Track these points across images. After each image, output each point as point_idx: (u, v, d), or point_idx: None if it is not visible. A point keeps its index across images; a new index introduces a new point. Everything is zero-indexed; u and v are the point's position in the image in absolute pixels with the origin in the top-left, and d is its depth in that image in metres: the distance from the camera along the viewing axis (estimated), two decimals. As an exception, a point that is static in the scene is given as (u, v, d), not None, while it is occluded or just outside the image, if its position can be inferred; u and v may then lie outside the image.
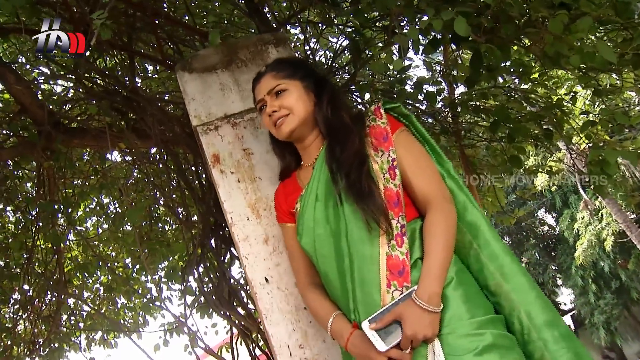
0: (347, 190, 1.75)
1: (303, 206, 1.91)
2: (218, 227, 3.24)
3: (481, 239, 1.77)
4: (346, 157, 1.79)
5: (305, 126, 1.95)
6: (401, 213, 1.74)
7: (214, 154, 2.40)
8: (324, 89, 1.98)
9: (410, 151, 1.84)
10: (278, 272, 2.26)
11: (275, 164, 2.40)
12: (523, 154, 3.24)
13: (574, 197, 18.58)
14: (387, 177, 1.78)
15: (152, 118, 3.29)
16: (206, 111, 2.46)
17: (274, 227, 2.31)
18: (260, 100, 2.00)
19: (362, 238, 1.72)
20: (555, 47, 2.14)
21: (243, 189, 2.35)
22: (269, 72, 2.00)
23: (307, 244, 1.87)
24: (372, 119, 1.88)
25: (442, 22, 2.00)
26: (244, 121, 2.46)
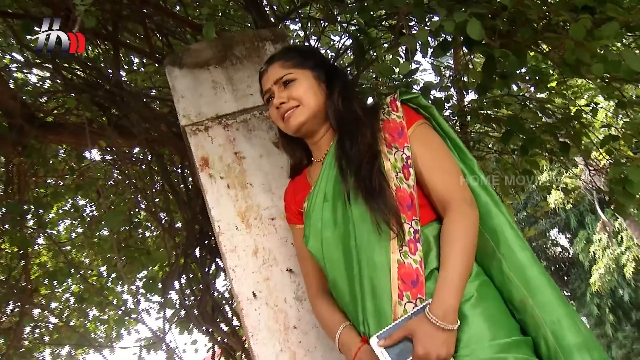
0: (356, 189, 1.74)
1: (310, 206, 1.90)
2: (204, 235, 3.27)
3: (504, 247, 1.73)
4: (356, 153, 1.78)
5: (315, 119, 1.94)
6: (415, 217, 1.71)
7: (203, 157, 2.43)
8: (335, 79, 1.97)
9: (428, 146, 1.81)
10: (267, 286, 2.28)
11: (269, 169, 2.43)
12: (536, 169, 3.28)
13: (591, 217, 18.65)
14: (400, 177, 1.75)
15: (136, 115, 3.32)
16: (196, 110, 2.49)
17: (265, 237, 2.33)
18: (267, 90, 1.99)
19: (371, 242, 1.71)
20: (576, 54, 2.17)
21: (233, 196, 2.38)
22: (276, 60, 2.00)
23: (314, 247, 1.85)
24: (387, 112, 1.86)
25: (454, 24, 2.03)
26: (237, 123, 2.49)
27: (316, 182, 1.92)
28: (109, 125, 3.56)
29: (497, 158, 3.92)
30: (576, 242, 18.83)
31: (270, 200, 2.39)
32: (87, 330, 6.18)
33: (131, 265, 5.02)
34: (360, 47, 3.00)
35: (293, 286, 2.29)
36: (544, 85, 2.90)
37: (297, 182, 2.08)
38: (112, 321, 6.21)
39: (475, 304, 1.65)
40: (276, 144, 2.47)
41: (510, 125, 2.80)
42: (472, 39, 2.02)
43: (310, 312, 2.26)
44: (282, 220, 2.35)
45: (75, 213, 5.55)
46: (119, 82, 3.36)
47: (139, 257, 4.98)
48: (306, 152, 2.09)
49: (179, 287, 3.28)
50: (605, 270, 16.13)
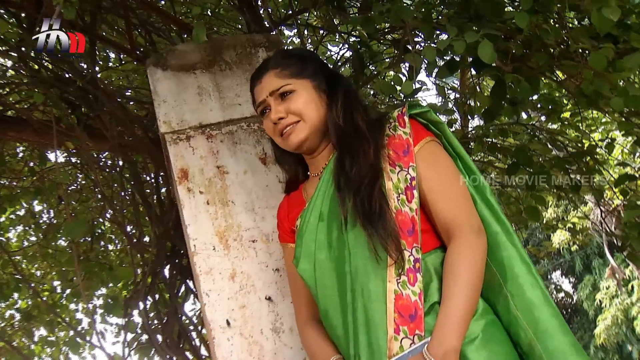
0: (354, 212, 1.74)
1: (303, 224, 1.89)
2: (175, 254, 3.30)
3: (513, 283, 1.72)
4: (357, 173, 1.77)
5: (316, 135, 1.94)
6: (416, 244, 1.71)
7: (182, 169, 2.47)
8: (337, 87, 1.97)
9: (435, 166, 1.80)
10: (243, 315, 2.31)
11: (253, 187, 2.48)
12: (542, 205, 3.35)
13: (599, 262, 18.80)
14: (402, 199, 1.75)
15: (110, 117, 3.36)
16: (178, 117, 2.53)
17: (244, 261, 2.37)
18: (261, 102, 1.98)
19: (367, 269, 1.71)
20: (594, 85, 2.24)
21: (212, 213, 2.42)
22: (272, 68, 1.98)
23: (305, 270, 1.84)
24: (394, 127, 1.86)
25: (464, 45, 2.10)
26: (222, 134, 2.54)
27: (311, 198, 1.92)
28: (78, 126, 3.58)
29: (501, 191, 4.00)
30: (581, 287, 18.93)
31: (252, 221, 2.43)
32: (32, 353, 6.12)
33: (89, 281, 5.01)
34: (360, 61, 3.06)
35: (271, 316, 2.33)
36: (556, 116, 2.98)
37: (292, 197, 2.09)
38: (61, 343, 6.15)
39: (480, 347, 1.63)
40: (263, 159, 2.52)
41: (517, 156, 2.87)
42: (483, 60, 2.08)
43: (288, 346, 2.30)
44: (263, 244, 2.40)
45: (31, 219, 5.53)
46: (94, 79, 3.39)
47: (99, 273, 4.97)
48: (302, 166, 2.10)
49: (143, 309, 3.29)
50: (612, 321, 16.14)
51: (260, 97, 1.98)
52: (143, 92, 4.40)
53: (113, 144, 3.36)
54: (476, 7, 2.64)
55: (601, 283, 17.29)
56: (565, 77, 2.60)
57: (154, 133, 3.52)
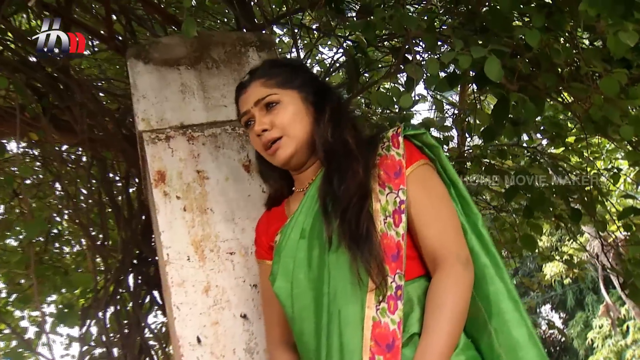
0: (339, 234, 1.78)
1: (283, 240, 1.94)
2: (142, 261, 3.34)
3: (498, 320, 1.77)
4: (345, 192, 1.82)
5: (303, 150, 1.99)
6: (399, 270, 1.74)
7: (160, 171, 2.50)
8: (326, 100, 2.01)
9: (427, 191, 1.85)
10: (215, 332, 2.34)
11: (234, 196, 2.52)
12: (539, 234, 3.43)
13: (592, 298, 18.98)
14: (389, 222, 1.79)
15: (81, 108, 3.39)
16: (158, 115, 2.57)
17: (220, 274, 2.40)
18: (246, 112, 2.03)
19: (346, 292, 1.75)
20: (603, 111, 2.31)
21: (189, 221, 2.45)
22: (258, 77, 2.04)
23: (281, 288, 1.89)
24: (387, 147, 1.90)
25: (470, 60, 2.17)
26: (204, 136, 2.58)
27: (294, 214, 1.96)
28: (44, 116, 3.60)
29: (495, 216, 4.07)
30: (572, 324, 19.09)
31: (231, 232, 2.47)
32: (-34, 364, 6.06)
33: (41, 285, 5.00)
34: (356, 67, 3.13)
35: (245, 336, 2.36)
36: (560, 141, 3.06)
37: (272, 212, 2.15)
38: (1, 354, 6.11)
39: None
40: (246, 167, 2.57)
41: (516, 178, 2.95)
42: (486, 76, 2.15)
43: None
44: (242, 257, 2.44)
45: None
46: (65, 67, 3.42)
47: (52, 277, 4.96)
48: (287, 182, 2.15)
49: (102, 320, 3.32)
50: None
51: (245, 107, 2.03)
52: (116, 83, 4.44)
53: (82, 138, 3.39)
54: (483, 19, 2.73)
55: (594, 321, 17.44)
56: (572, 99, 2.68)
57: (127, 129, 3.57)
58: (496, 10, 2.51)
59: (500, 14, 2.50)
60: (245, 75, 2.15)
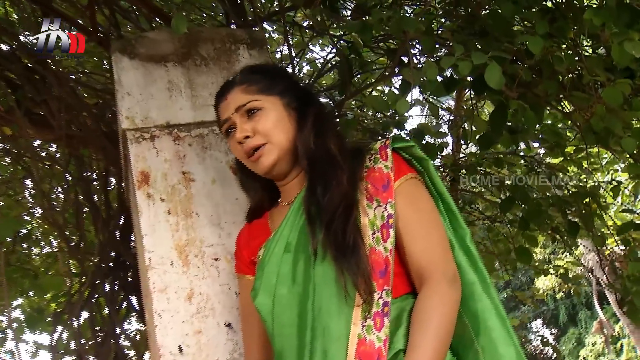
0: (325, 245, 1.81)
1: (267, 255, 1.97)
2: (120, 265, 3.35)
3: (485, 338, 1.81)
4: (329, 202, 1.85)
5: (286, 158, 2.02)
6: (387, 287, 1.78)
7: (143, 172, 2.51)
8: (308, 106, 2.06)
9: (414, 206, 1.89)
10: (198, 342, 2.36)
11: (221, 200, 2.54)
12: (534, 247, 3.47)
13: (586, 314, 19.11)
14: (377, 237, 1.83)
15: (59, 103, 3.39)
16: (143, 113, 2.59)
17: (204, 281, 2.42)
18: (226, 119, 2.06)
19: (330, 308, 1.78)
20: (606, 121, 2.35)
21: (173, 224, 2.47)
22: (238, 84, 2.07)
23: (263, 305, 1.92)
24: (374, 160, 1.94)
25: (471, 66, 2.21)
26: (191, 137, 2.61)
27: (278, 228, 2.00)
28: (19, 109, 3.60)
29: (489, 226, 4.12)
30: (564, 341, 19.21)
31: (217, 237, 2.49)
32: None
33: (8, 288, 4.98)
34: (349, 69, 3.17)
35: (229, 345, 2.38)
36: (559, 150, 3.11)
37: (254, 225, 2.18)
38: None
39: None
40: (234, 170, 2.58)
41: (513, 191, 2.99)
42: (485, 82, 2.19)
43: (248, 381, 2.36)
44: (227, 263, 2.46)
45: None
46: (44, 60, 3.43)
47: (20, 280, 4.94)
48: (269, 193, 2.19)
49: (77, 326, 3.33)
50: (598, 382, 16.37)
51: (225, 114, 2.07)
52: (95, 77, 4.44)
53: (59, 134, 3.39)
54: (483, 22, 2.77)
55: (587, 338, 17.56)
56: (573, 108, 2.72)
57: (107, 125, 3.58)
58: (497, 14, 2.55)
59: (501, 18, 2.54)
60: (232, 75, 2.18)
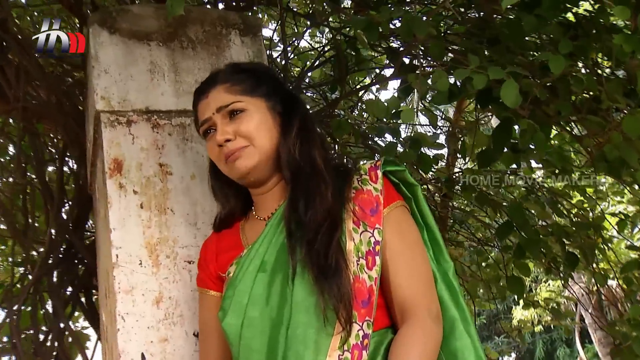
0: (305, 264, 1.89)
1: (239, 273, 2.03)
2: (72, 257, 3.40)
3: None
4: (312, 218, 1.93)
5: (267, 164, 2.10)
6: (368, 318, 1.87)
7: (116, 159, 2.59)
8: (293, 111, 2.14)
9: (402, 236, 1.99)
10: (163, 351, 2.43)
11: (199, 197, 2.63)
12: (526, 276, 3.60)
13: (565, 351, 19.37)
14: (361, 264, 1.91)
15: (18, 71, 3.44)
16: (121, 95, 2.66)
17: (174, 285, 2.50)
18: (206, 120, 2.14)
19: (306, 336, 1.84)
20: (620, 151, 2.48)
21: (145, 220, 2.55)
22: (220, 82, 2.14)
23: (231, 326, 1.98)
24: (363, 181, 2.04)
25: (486, 81, 2.33)
26: (171, 125, 2.69)
27: (253, 244, 2.07)
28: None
29: (479, 250, 4.24)
30: (538, 380, 19.42)
31: (192, 237, 2.57)
32: None
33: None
34: (345, 65, 3.28)
35: (196, 357, 2.44)
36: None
37: (223, 237, 2.25)
38: None
39: None
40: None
41: (512, 215, 3.12)
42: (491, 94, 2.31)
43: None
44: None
45: None
46: (5, 22, 3.47)
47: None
48: (242, 202, 2.27)
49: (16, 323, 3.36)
50: None
51: (205, 114, 2.14)
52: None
53: (17, 107, 3.44)
54: (496, 30, 2.90)
55: (564, 380, 17.79)
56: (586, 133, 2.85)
57: (71, 102, 3.64)
58: (515, 24, 2.67)
59: (519, 29, 2.67)
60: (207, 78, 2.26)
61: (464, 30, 3.14)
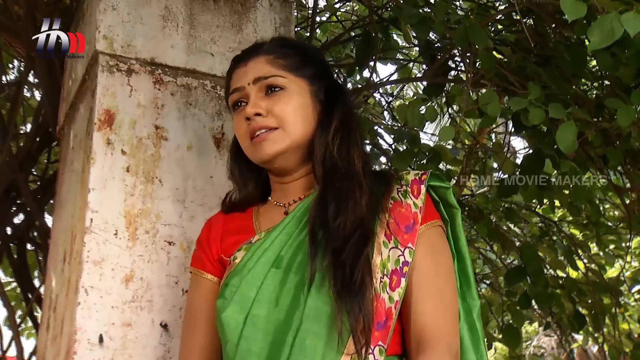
0: (328, 275, 1.97)
1: (248, 260, 2.11)
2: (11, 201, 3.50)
3: None
4: (342, 226, 2.02)
5: (296, 153, 2.21)
6: (382, 343, 1.97)
7: (109, 111, 2.70)
8: (337, 102, 2.24)
9: (434, 259, 2.09)
10: (124, 335, 2.53)
11: (193, 172, 2.77)
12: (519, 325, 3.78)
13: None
14: (384, 282, 2.01)
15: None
16: (126, 39, 2.78)
17: (149, 265, 2.61)
18: (238, 89, 2.25)
19: (314, 348, 1.93)
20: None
21: (129, 186, 2.66)
22: (264, 53, 2.25)
23: (231, 320, 2.05)
24: (404, 193, 2.15)
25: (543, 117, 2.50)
26: (176, 85, 2.82)
27: (269, 233, 2.16)
28: None
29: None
30: None
31: (177, 216, 2.70)
32: None
33: None
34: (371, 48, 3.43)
35: (160, 350, 2.56)
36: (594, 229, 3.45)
37: (233, 218, 2.36)
38: None
39: None
40: (217, 140, 2.81)
41: (526, 260, 3.30)
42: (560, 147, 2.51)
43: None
44: (181, 252, 2.67)
45: None
46: None
47: None
48: (261, 189, 2.39)
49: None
50: None
51: (240, 82, 2.26)
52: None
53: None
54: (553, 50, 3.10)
55: None
56: (629, 186, 3.06)
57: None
58: (580, 52, 2.86)
59: (583, 58, 2.86)
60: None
61: (513, 39, 3.32)
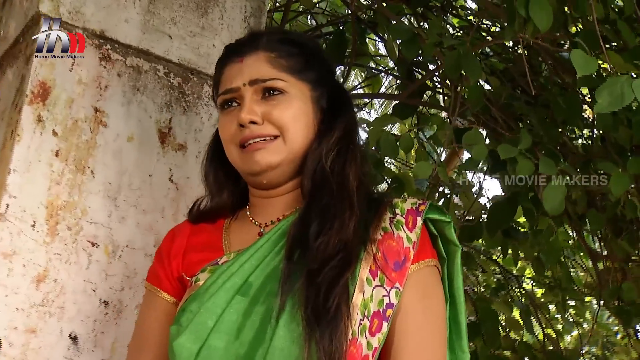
0: (298, 299, 1.98)
1: (211, 285, 2.12)
2: None
3: None
4: (322, 245, 2.04)
5: (290, 166, 2.24)
6: None
7: (44, 84, 2.71)
8: (339, 112, 2.29)
9: (425, 304, 2.10)
10: (26, 343, 2.53)
11: (130, 167, 2.82)
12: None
13: None
14: (364, 324, 2.02)
15: None
16: (75, 4, 2.79)
17: (66, 266, 2.63)
18: (231, 90, 2.26)
19: None
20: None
21: (56, 172, 2.67)
22: (264, 48, 2.27)
23: (184, 349, 2.05)
24: (396, 224, 2.15)
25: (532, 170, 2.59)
26: (125, 65, 2.87)
27: (239, 255, 2.18)
28: None
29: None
30: None
31: (105, 215, 2.73)
32: None
33: None
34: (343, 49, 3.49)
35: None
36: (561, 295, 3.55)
37: (200, 231, 2.39)
38: None
39: None
40: (163, 135, 2.87)
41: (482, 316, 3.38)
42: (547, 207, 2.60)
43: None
44: (105, 256, 2.71)
45: None
46: None
47: None
48: (237, 199, 2.42)
49: None
50: None
51: (234, 82, 2.26)
52: None
53: None
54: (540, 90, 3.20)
55: None
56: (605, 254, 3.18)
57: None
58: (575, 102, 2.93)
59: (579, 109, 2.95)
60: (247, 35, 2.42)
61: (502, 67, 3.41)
